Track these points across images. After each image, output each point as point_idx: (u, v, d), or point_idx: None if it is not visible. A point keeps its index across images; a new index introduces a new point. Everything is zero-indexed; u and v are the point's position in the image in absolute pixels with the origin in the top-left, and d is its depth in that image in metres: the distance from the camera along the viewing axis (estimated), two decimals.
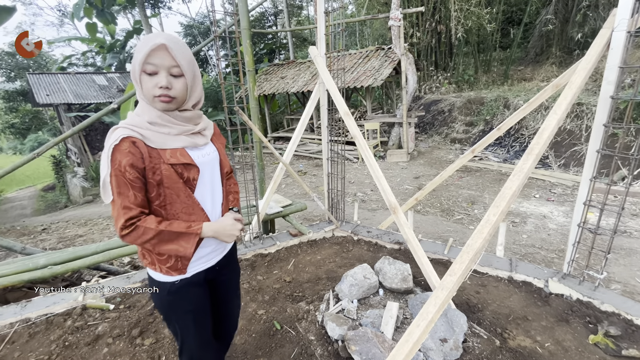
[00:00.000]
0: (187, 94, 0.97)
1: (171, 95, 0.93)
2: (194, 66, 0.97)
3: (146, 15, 8.57)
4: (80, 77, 10.57)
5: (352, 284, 2.03)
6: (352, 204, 5.21)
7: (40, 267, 2.41)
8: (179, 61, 0.91)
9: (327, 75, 2.79)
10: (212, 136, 1.13)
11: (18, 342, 1.91)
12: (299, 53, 18.18)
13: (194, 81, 0.98)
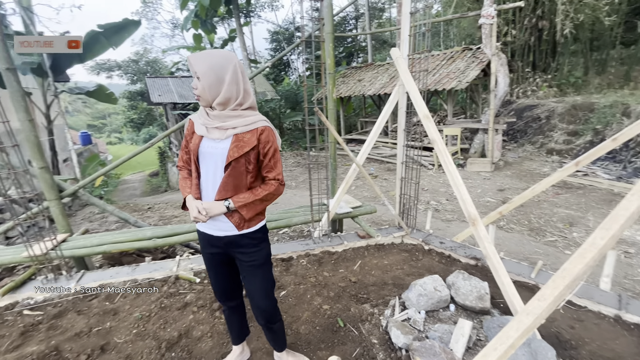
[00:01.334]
0: (208, 93, 1.21)
1: (196, 93, 1.25)
2: (216, 72, 1.19)
3: (240, 24, 9.48)
4: (184, 80, 12.27)
5: (421, 294, 1.95)
6: (425, 212, 4.96)
7: (147, 238, 2.87)
8: (197, 69, 1.20)
9: (409, 77, 2.72)
10: (241, 136, 1.25)
11: (128, 297, 2.32)
12: (377, 56, 18.02)
13: (214, 84, 1.20)
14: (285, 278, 2.50)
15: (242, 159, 1.25)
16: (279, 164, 1.35)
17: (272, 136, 1.30)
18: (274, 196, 1.35)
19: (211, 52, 1.23)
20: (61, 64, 7.22)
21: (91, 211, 6.46)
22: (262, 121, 1.28)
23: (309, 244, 2.97)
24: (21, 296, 2.32)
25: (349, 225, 4.16)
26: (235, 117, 1.25)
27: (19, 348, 1.86)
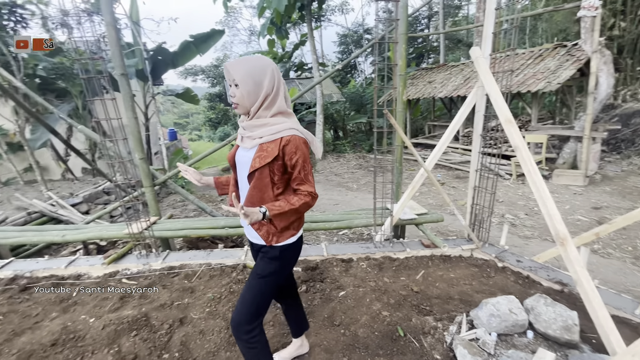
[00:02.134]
0: (247, 99, 1.20)
1: (234, 101, 1.22)
2: (254, 77, 1.17)
3: (312, 29, 9.80)
4: None
5: (493, 315, 1.78)
6: (499, 225, 4.53)
7: (220, 227, 3.14)
8: (235, 76, 1.18)
9: (490, 78, 2.51)
10: (265, 145, 1.21)
11: (203, 278, 2.57)
12: (450, 56, 16.99)
13: (253, 90, 1.18)
14: (344, 279, 2.51)
15: (266, 169, 1.21)
16: (310, 177, 1.26)
17: (300, 146, 1.20)
18: (303, 210, 1.25)
19: (248, 58, 1.21)
20: (159, 69, 8.31)
21: (174, 199, 7.30)
22: (288, 130, 1.20)
23: (369, 248, 2.93)
24: (121, 267, 2.74)
25: (411, 232, 4.00)
26: (262, 125, 1.22)
27: (118, 310, 2.20)
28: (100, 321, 2.07)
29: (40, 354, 1.82)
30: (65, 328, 2.01)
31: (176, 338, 1.93)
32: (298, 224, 1.35)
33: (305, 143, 1.24)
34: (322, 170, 9.19)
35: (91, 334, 1.96)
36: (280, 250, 1.31)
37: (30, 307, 2.28)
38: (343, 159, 10.20)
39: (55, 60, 6.82)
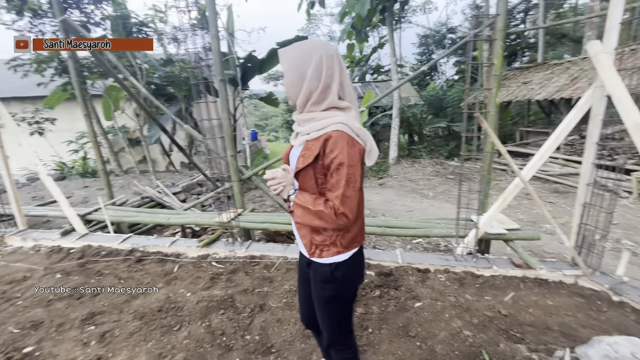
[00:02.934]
0: (292, 91, 1.09)
1: (284, 92, 1.12)
2: (298, 66, 1.05)
3: (392, 30, 9.62)
4: None
5: (609, 356, 1.50)
6: (613, 252, 3.80)
7: None
8: (282, 65, 1.09)
9: (614, 77, 2.12)
10: (310, 143, 1.08)
11: (280, 270, 2.72)
12: (550, 53, 14.91)
13: (296, 81, 1.06)
14: (420, 289, 2.39)
15: (310, 171, 1.07)
16: (344, 187, 1.01)
17: (341, 143, 1.00)
18: (326, 221, 1.05)
19: (297, 44, 1.08)
20: (248, 75, 9.10)
21: (254, 194, 7.91)
22: (335, 124, 1.02)
23: (449, 260, 2.74)
24: (212, 250, 3.07)
25: (497, 248, 3.62)
26: (309, 120, 1.08)
27: (209, 289, 2.47)
28: (195, 296, 2.35)
29: (149, 317, 2.15)
30: (168, 298, 2.34)
31: (257, 322, 2.09)
32: (343, 239, 1.13)
33: (352, 142, 1.01)
34: (395, 175, 8.94)
35: (188, 307, 2.24)
36: (331, 270, 1.14)
37: (143, 276, 2.71)
38: (418, 165, 9.75)
39: (167, 69, 8.02)
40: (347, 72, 1.12)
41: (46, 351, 1.87)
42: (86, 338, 1.96)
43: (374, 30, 17.04)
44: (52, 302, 2.34)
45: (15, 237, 3.52)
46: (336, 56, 1.07)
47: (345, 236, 1.13)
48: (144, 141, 7.49)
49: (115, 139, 9.21)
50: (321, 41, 1.10)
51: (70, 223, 3.64)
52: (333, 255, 1.13)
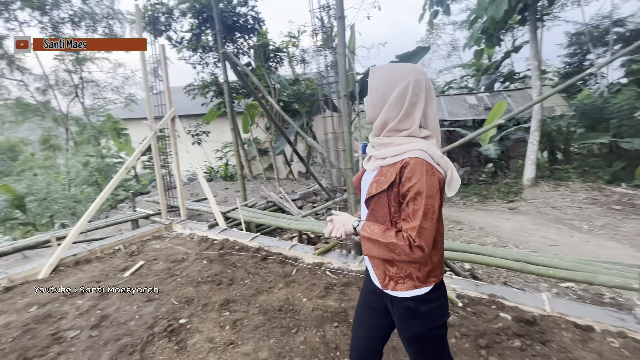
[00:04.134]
0: (370, 111, 1.07)
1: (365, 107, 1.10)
2: (383, 89, 1.02)
3: (535, 30, 8.26)
4: (455, 97, 12.43)
5: None
6: None
7: None
8: (369, 83, 1.06)
9: None
10: (385, 169, 1.04)
11: None
12: None
13: (377, 102, 1.04)
14: (581, 353, 1.85)
15: (384, 198, 1.03)
16: (421, 219, 0.95)
17: (419, 171, 0.95)
18: (399, 254, 0.99)
19: (391, 65, 1.06)
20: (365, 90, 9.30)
21: None
22: (413, 151, 0.98)
23: (625, 321, 2.05)
24: (326, 260, 3.15)
25: None
26: (386, 145, 1.05)
27: (323, 298, 2.52)
28: (311, 303, 2.43)
29: (272, 314, 2.32)
30: (287, 299, 2.49)
31: None
32: (419, 272, 1.05)
33: (431, 170, 0.96)
34: (531, 199, 7.53)
35: (304, 312, 2.33)
36: (415, 304, 1.06)
37: (267, 274, 2.98)
38: (565, 189, 7.95)
39: (294, 88, 8.95)
40: (435, 101, 1.07)
41: (194, 326, 2.22)
42: (222, 322, 2.25)
43: (507, 33, 15.06)
44: (199, 284, 2.80)
45: (178, 225, 4.43)
46: (425, 84, 1.03)
47: (422, 269, 1.05)
48: (271, 151, 8.52)
49: (249, 149, 10.78)
50: (414, 67, 1.05)
51: (215, 218, 4.36)
52: (409, 289, 1.06)
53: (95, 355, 1.97)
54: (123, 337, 2.13)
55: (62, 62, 10.10)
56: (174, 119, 4.51)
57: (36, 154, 11.54)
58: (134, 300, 2.59)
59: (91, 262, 3.43)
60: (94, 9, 10.12)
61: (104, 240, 4.02)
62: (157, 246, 3.85)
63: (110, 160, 9.42)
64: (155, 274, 3.05)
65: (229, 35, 7.76)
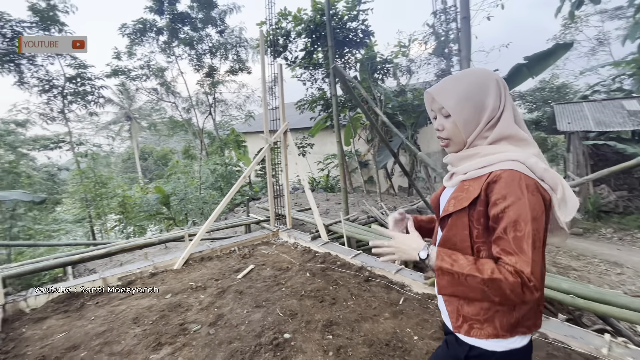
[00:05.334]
0: (464, 131, 0.88)
1: (443, 135, 0.92)
2: (474, 99, 0.85)
3: None
4: (606, 103, 9.89)
5: None
6: None
7: (562, 290, 2.39)
8: (444, 102, 0.88)
9: None
10: (467, 184, 0.86)
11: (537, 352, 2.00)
12: None
13: (472, 116, 0.86)
14: None
15: (464, 217, 0.84)
16: (531, 249, 0.72)
17: (516, 187, 0.75)
18: (503, 296, 0.73)
19: (457, 76, 0.90)
20: None
21: None
22: (505, 162, 0.79)
23: None
24: None
25: None
26: (469, 157, 0.88)
27: (439, 340, 2.15)
28: (423, 343, 2.09)
29: (378, 348, 2.08)
30: (395, 334, 2.21)
31: None
32: (505, 318, 0.81)
33: (533, 187, 0.76)
34: None
35: (415, 353, 2.01)
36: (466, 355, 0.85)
37: (371, 298, 2.76)
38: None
39: (399, 99, 8.61)
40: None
41: (298, 344, 2.16)
42: (326, 346, 2.13)
43: None
44: (303, 298, 2.77)
45: (284, 233, 4.63)
46: (503, 81, 0.88)
47: (511, 314, 0.81)
48: (373, 164, 8.36)
49: (350, 161, 10.86)
50: (481, 68, 0.94)
51: (317, 230, 4.39)
52: (486, 337, 0.82)
53: (211, 355, 2.09)
54: (234, 341, 2.22)
55: (202, 86, 12.24)
56: (286, 132, 4.79)
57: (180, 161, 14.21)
58: (244, 303, 2.72)
59: (212, 259, 3.84)
60: (227, 40, 11.97)
61: (223, 240, 4.50)
62: (265, 252, 4.08)
63: (231, 168, 10.82)
64: (264, 280, 3.19)
65: (338, 51, 8.02)
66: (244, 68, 12.52)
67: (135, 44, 10.77)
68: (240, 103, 13.83)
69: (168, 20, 10.53)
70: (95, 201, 9.20)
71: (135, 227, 9.39)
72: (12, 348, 2.23)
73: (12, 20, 8.50)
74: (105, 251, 3.90)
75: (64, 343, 2.26)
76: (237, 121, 14.63)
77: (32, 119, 10.92)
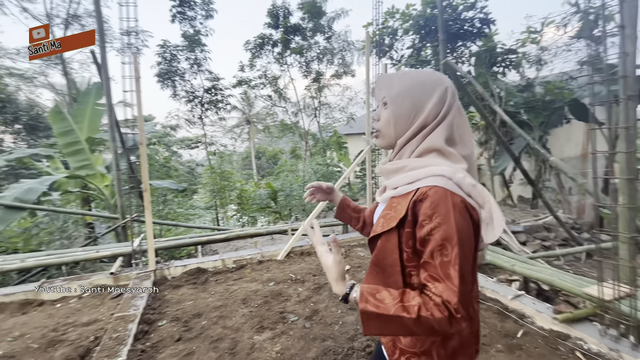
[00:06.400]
0: (393, 127, 0.83)
1: (376, 126, 0.89)
2: (415, 95, 0.81)
3: None
4: None
5: None
6: None
7: None
8: (387, 90, 0.85)
9: None
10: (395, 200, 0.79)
11: None
12: None
13: (407, 113, 0.81)
14: None
15: (394, 238, 0.75)
16: (458, 277, 0.66)
17: (443, 207, 0.69)
18: (432, 331, 0.67)
19: (411, 71, 0.86)
20: None
21: None
22: (431, 178, 0.72)
23: None
24: (575, 332, 2.19)
25: None
26: (398, 170, 0.81)
27: None
28: None
29: None
30: None
31: None
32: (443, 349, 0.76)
33: (461, 205, 0.70)
34: None
35: None
36: None
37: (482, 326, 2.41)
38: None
39: (524, 95, 7.35)
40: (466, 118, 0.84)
41: None
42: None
43: None
44: None
45: None
46: (457, 94, 0.83)
47: (447, 345, 0.76)
48: (488, 170, 7.36)
49: None
50: (440, 73, 0.85)
51: None
52: None
53: (305, 347, 2.17)
54: (327, 339, 2.25)
55: (309, 91, 13.06)
56: None
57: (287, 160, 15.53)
58: (339, 303, 2.74)
59: (311, 255, 4.02)
60: (332, 45, 12.44)
61: None
62: (361, 254, 4.04)
63: (332, 169, 11.20)
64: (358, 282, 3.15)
65: (449, 45, 7.37)
66: (348, 71, 12.76)
67: (255, 57, 12.26)
68: (343, 105, 14.20)
69: (282, 32, 11.60)
70: (220, 192, 10.86)
71: (249, 217, 10.67)
72: (157, 306, 2.79)
73: (171, 45, 10.79)
74: (225, 236, 4.52)
75: (191, 310, 2.70)
76: (339, 123, 15.07)
77: (180, 123, 13.66)
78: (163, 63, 10.95)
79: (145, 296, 2.86)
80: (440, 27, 4.65)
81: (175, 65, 11.14)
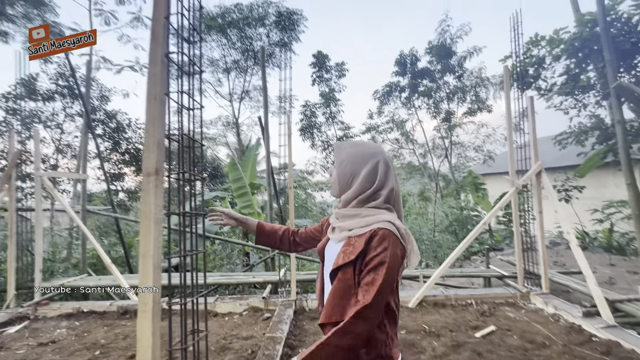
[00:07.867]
0: (338, 185, 1.10)
1: (329, 181, 1.16)
2: (353, 164, 1.07)
3: None
4: None
5: None
6: None
7: None
8: (335, 156, 1.11)
9: None
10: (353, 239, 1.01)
11: None
12: None
13: (346, 176, 1.07)
14: None
15: (350, 269, 0.97)
16: (378, 289, 0.89)
17: (388, 243, 0.94)
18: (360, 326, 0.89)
19: (357, 142, 1.17)
20: None
21: None
22: (382, 222, 0.98)
23: None
24: None
25: None
26: (353, 216, 1.05)
27: None
28: None
29: None
30: None
31: None
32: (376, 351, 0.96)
33: (396, 243, 0.96)
34: None
35: None
36: None
37: None
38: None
39: None
40: (396, 178, 1.10)
41: None
42: None
43: None
44: None
45: (538, 297, 3.72)
46: (391, 163, 1.09)
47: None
48: None
49: None
50: (380, 146, 1.14)
51: (594, 304, 3.20)
52: None
53: None
54: None
55: (438, 131, 12.65)
56: (540, 174, 3.99)
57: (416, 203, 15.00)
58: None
59: (446, 307, 3.68)
60: (464, 83, 11.90)
61: (458, 290, 4.21)
62: (510, 314, 3.43)
63: (467, 213, 10.13)
64: (509, 349, 2.67)
65: (622, 63, 5.96)
66: (484, 107, 11.82)
67: (383, 104, 12.93)
68: (478, 144, 13.02)
69: (409, 78, 11.94)
70: None
71: None
72: (298, 334, 3.09)
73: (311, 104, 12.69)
74: None
75: None
76: (475, 162, 13.76)
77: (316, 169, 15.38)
78: (305, 120, 12.90)
79: (288, 322, 3.22)
80: (605, 46, 3.89)
81: (314, 120, 12.94)
